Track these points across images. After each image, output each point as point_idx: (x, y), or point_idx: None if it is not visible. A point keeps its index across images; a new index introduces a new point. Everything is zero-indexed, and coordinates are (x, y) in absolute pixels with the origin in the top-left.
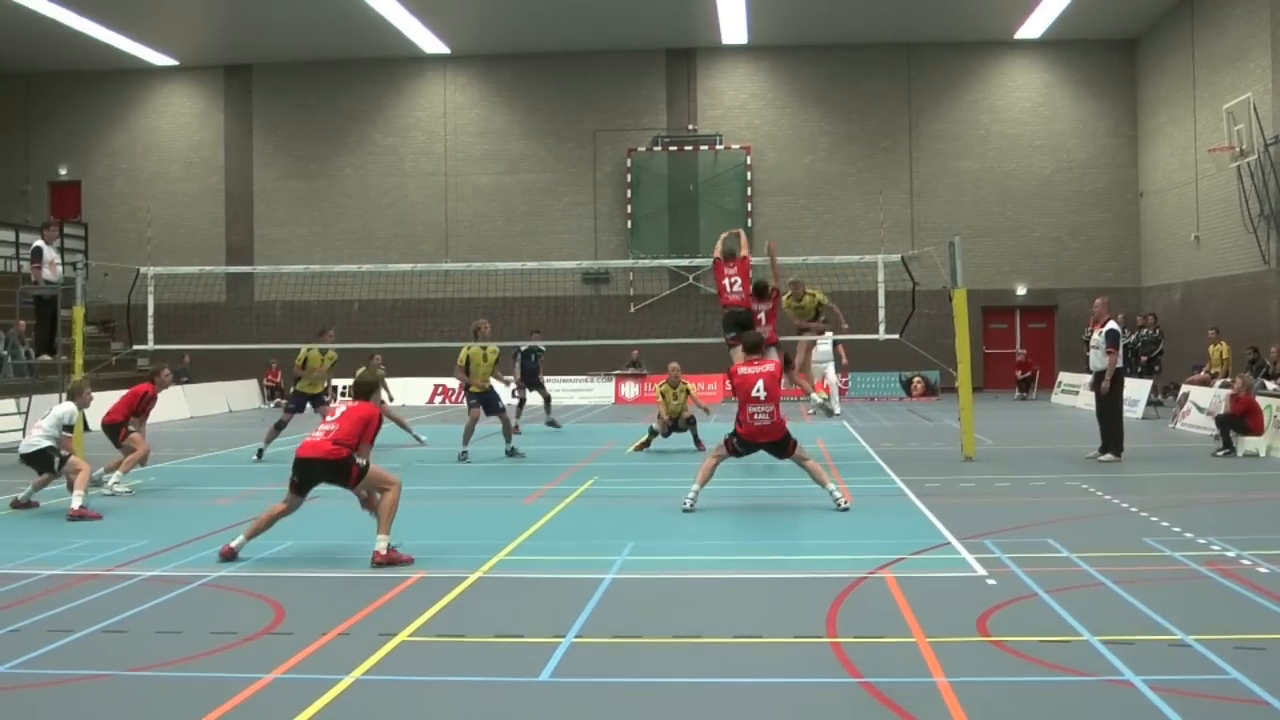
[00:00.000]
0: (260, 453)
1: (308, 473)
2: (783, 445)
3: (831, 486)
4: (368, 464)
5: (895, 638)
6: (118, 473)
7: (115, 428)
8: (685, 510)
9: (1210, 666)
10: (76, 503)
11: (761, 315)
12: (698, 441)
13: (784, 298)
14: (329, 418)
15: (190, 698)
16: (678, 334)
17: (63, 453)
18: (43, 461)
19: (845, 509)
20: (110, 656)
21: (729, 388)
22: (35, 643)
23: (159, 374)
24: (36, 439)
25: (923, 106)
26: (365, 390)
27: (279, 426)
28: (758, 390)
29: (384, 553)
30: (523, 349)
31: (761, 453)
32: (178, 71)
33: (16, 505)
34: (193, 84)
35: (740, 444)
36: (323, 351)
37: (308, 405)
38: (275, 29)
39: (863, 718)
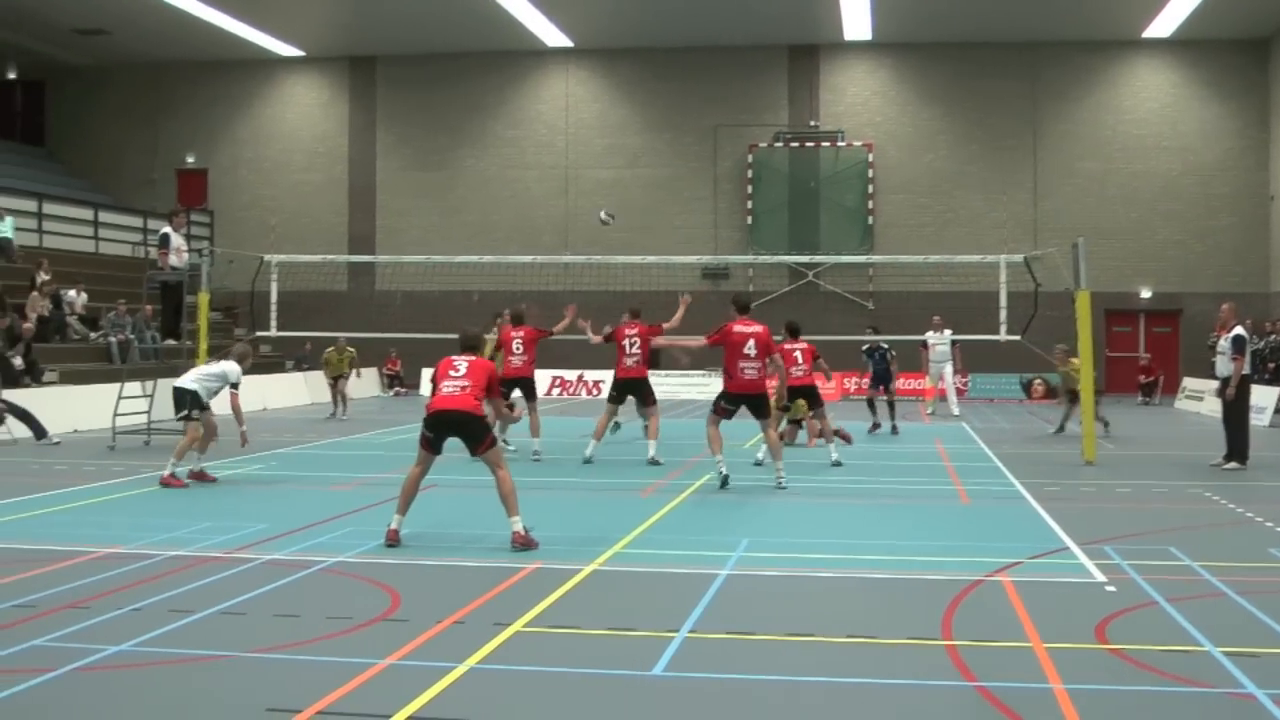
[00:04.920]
0: None
1: (445, 426)
2: (764, 402)
3: (780, 464)
4: (495, 438)
5: (1012, 642)
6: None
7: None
8: (722, 484)
9: None
10: (167, 470)
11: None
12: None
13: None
14: (453, 372)
15: (307, 680)
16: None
17: (199, 410)
18: (178, 401)
19: (783, 488)
20: (229, 638)
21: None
22: (156, 622)
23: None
24: (190, 379)
25: (1046, 105)
26: (472, 344)
27: None
28: (749, 348)
29: (523, 533)
30: (864, 348)
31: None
32: (304, 62)
33: (194, 476)
34: (318, 75)
35: (728, 401)
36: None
37: None
38: (400, 21)
39: None
